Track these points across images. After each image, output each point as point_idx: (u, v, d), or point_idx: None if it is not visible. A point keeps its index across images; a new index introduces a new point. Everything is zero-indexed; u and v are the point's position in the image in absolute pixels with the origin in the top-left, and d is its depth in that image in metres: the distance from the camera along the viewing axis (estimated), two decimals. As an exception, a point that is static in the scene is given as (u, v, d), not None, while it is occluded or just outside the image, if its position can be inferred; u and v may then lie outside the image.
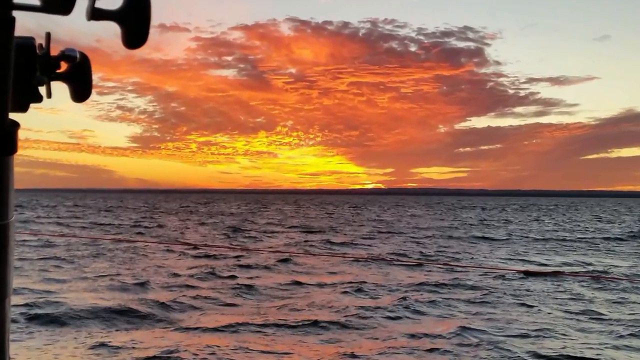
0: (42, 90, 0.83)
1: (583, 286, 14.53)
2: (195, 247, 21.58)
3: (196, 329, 9.84)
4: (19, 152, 0.76)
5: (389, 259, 20.41)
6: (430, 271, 16.80)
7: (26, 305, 10.88)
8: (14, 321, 9.80)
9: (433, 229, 36.70)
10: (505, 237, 30.72)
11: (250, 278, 15.25)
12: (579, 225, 44.00)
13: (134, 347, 8.71)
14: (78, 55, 0.85)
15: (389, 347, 8.99)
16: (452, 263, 19.16)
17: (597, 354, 8.86)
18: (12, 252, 0.77)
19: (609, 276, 16.85)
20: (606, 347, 9.26)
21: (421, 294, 13.21)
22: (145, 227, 35.88)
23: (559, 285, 14.65)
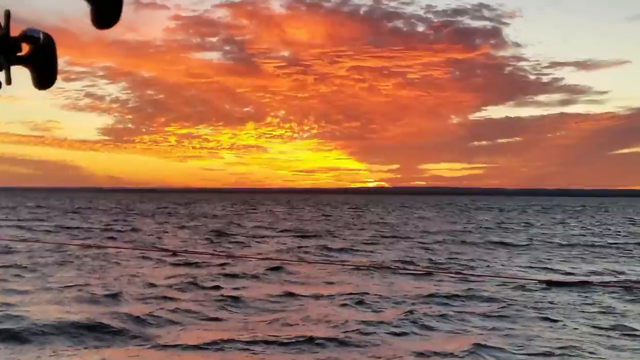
0: (1, 75, 0.83)
1: (614, 298, 14.58)
2: (175, 254, 21.57)
3: (175, 346, 9.84)
4: (-25, 146, 0.75)
5: (393, 267, 20.43)
6: (440, 281, 16.83)
7: (-18, 319, 10.87)
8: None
9: (444, 233, 36.76)
10: (525, 243, 30.78)
11: (237, 289, 15.26)
12: (609, 229, 44.12)
13: (104, 367, 8.71)
14: (42, 37, 0.84)
15: (394, 367, 9.01)
16: (465, 272, 19.19)
17: (630, 375, 8.89)
18: None
19: (643, 286, 16.89)
20: (639, 367, 9.29)
21: (430, 307, 13.24)
22: (118, 231, 35.85)
23: (586, 297, 14.69)
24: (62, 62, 0.91)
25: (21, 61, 0.83)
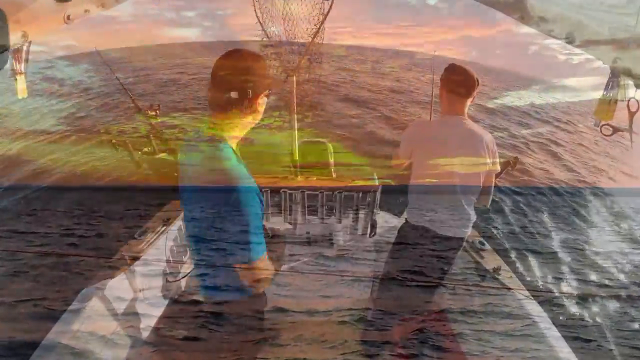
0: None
1: (656, 314, 14.61)
2: (146, 263, 21.55)
3: (147, 370, 9.83)
4: None
5: (400, 278, 20.44)
6: (454, 294, 16.82)
7: None
8: None
9: (458, 238, 36.73)
10: (554, 249, 30.78)
11: (219, 303, 15.22)
12: (650, 234, 44.10)
13: (65, 395, 8.70)
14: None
15: (402, 394, 9.02)
16: (483, 284, 19.21)
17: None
18: None
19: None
20: (686, 394, 9.31)
21: (443, 324, 13.22)
22: (80, 236, 35.68)
23: (624, 313, 14.69)
24: (14, 39, 0.92)
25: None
